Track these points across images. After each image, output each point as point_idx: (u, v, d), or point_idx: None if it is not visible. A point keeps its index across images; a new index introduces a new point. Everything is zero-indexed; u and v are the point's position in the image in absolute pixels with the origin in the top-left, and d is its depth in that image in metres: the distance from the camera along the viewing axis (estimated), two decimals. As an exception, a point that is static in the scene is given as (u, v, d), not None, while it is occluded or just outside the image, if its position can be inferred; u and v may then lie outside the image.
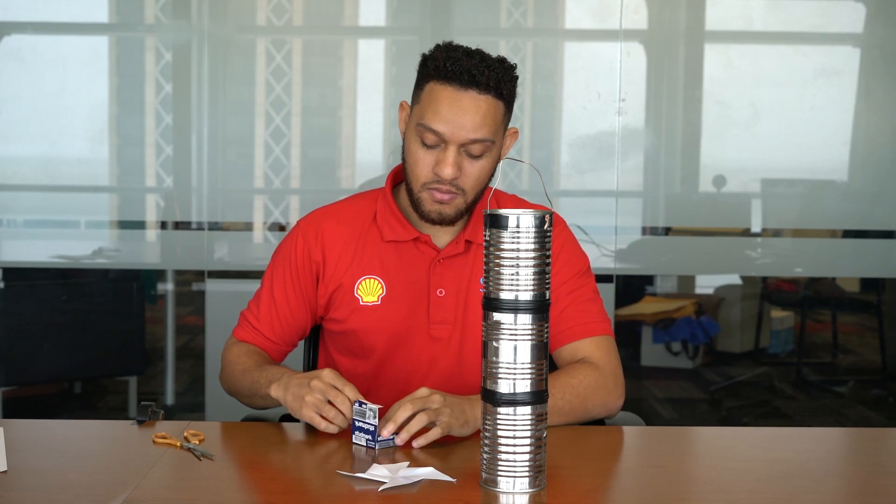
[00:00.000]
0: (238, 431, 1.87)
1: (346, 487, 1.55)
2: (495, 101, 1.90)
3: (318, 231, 2.05)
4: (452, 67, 1.89)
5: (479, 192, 1.97)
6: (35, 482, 1.57)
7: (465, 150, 1.91)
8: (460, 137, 1.89)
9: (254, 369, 1.96)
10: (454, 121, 1.88)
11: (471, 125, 1.88)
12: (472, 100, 1.88)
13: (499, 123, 1.92)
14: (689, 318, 4.65)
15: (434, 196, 1.93)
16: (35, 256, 3.94)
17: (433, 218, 1.95)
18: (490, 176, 1.98)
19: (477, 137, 1.89)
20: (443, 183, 1.92)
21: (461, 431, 1.76)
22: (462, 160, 1.91)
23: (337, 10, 3.87)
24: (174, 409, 4.15)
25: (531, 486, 1.51)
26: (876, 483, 1.67)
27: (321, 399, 1.77)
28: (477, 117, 1.88)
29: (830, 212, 3.93)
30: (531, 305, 1.49)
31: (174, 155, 3.76)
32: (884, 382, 4.64)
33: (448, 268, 2.01)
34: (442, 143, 1.90)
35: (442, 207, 1.94)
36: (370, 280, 2.02)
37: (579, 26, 3.88)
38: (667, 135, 3.77)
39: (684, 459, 1.83)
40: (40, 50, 3.81)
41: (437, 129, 1.89)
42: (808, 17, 3.85)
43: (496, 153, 1.95)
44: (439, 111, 1.89)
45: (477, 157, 1.92)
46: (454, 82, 1.89)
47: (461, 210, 1.96)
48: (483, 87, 1.88)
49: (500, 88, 1.90)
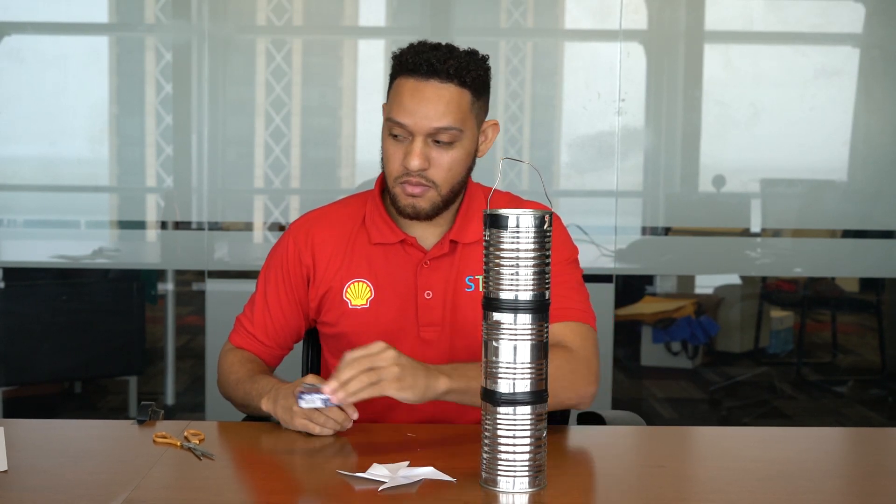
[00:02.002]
0: (238, 431, 1.87)
1: (346, 488, 1.55)
2: (459, 89, 1.90)
3: (308, 234, 2.06)
4: (413, 59, 1.90)
5: (454, 184, 1.95)
6: (35, 482, 1.57)
7: (433, 139, 1.90)
8: (424, 127, 1.89)
9: (246, 380, 1.96)
10: (417, 111, 1.89)
11: (433, 114, 1.89)
12: (433, 89, 1.89)
13: (465, 112, 1.92)
14: (689, 318, 4.65)
15: (406, 190, 1.93)
16: (35, 256, 3.94)
17: (408, 213, 1.95)
18: (465, 167, 1.96)
19: (441, 126, 1.89)
20: (412, 175, 1.91)
21: (402, 396, 1.70)
22: (430, 151, 1.91)
23: (337, 10, 3.87)
24: (174, 409, 4.15)
25: (531, 485, 1.51)
26: (876, 483, 1.67)
27: (306, 417, 1.78)
28: (440, 105, 1.89)
29: (830, 212, 3.93)
30: (531, 305, 1.49)
31: (174, 155, 3.76)
32: (883, 382, 4.64)
33: (435, 269, 2.00)
34: (409, 135, 1.91)
35: (415, 201, 1.93)
36: (359, 283, 2.02)
37: (579, 26, 3.88)
38: (666, 135, 3.77)
39: (684, 459, 1.83)
40: (40, 50, 3.81)
41: (401, 121, 1.90)
42: (807, 17, 3.85)
43: (468, 143, 1.94)
44: (403, 103, 1.90)
45: (446, 147, 1.91)
46: (416, 74, 1.90)
47: (437, 203, 1.95)
48: (444, 76, 1.89)
49: (463, 76, 1.90)
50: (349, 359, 1.70)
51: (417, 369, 1.72)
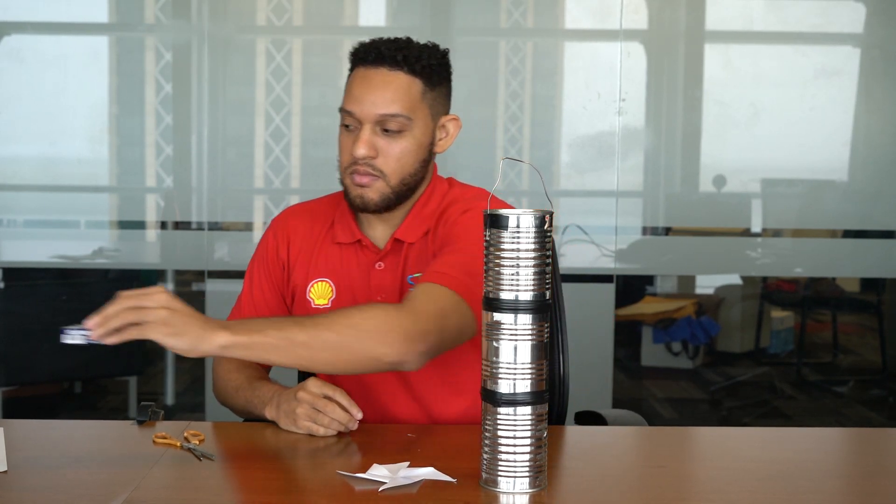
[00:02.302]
0: (238, 431, 1.87)
1: (346, 487, 1.55)
2: (409, 77, 1.88)
3: (285, 229, 2.06)
4: (364, 49, 1.90)
5: (405, 176, 1.91)
6: (35, 482, 1.57)
7: (381, 127, 1.88)
8: (371, 114, 1.87)
9: (246, 387, 1.95)
10: (364, 98, 1.87)
11: (380, 100, 1.86)
12: (381, 76, 1.88)
13: (415, 101, 1.89)
14: (690, 319, 4.65)
15: (355, 180, 1.90)
16: (35, 256, 3.94)
17: (357, 204, 1.91)
18: (417, 159, 1.91)
19: (388, 112, 1.86)
20: (360, 165, 1.88)
21: (169, 342, 1.59)
22: (378, 140, 1.88)
23: (337, 10, 3.87)
24: (174, 410, 4.15)
25: (531, 486, 1.51)
26: (876, 483, 1.67)
27: (311, 410, 1.78)
28: (387, 92, 1.87)
29: (830, 212, 3.93)
30: (531, 305, 1.49)
31: (174, 155, 3.76)
32: (884, 382, 4.64)
33: (385, 271, 1.97)
34: (358, 124, 1.88)
35: (364, 191, 1.90)
36: (321, 283, 2.00)
37: (579, 26, 3.88)
38: (667, 135, 3.77)
39: (684, 459, 1.83)
40: (40, 50, 3.81)
41: (350, 108, 1.88)
42: (808, 17, 3.85)
43: (420, 134, 1.91)
44: (352, 91, 1.89)
45: (395, 136, 1.88)
46: (365, 63, 1.89)
47: (387, 195, 1.90)
48: (392, 63, 1.87)
49: (413, 64, 1.88)
50: (119, 295, 1.61)
51: (190, 317, 1.61)
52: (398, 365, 1.73)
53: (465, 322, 1.79)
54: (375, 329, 1.70)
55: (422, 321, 1.73)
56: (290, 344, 1.66)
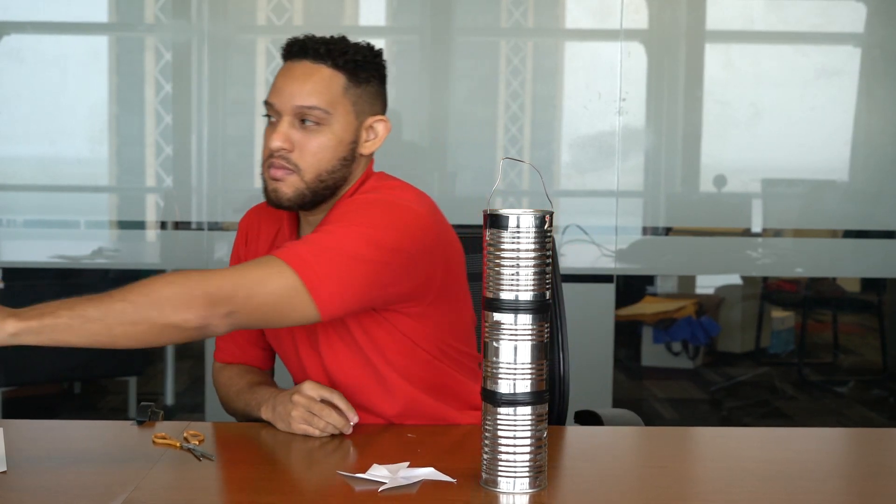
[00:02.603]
0: (238, 432, 1.87)
1: (346, 488, 1.55)
2: (332, 71, 1.84)
3: (246, 227, 2.05)
4: (290, 43, 1.87)
5: (321, 172, 1.84)
6: (35, 482, 1.57)
7: (299, 120, 1.83)
8: (288, 106, 1.83)
9: (246, 391, 1.95)
10: (284, 89, 1.84)
11: (298, 92, 1.82)
12: (303, 68, 1.84)
13: (336, 95, 1.84)
14: (690, 319, 4.65)
15: (270, 174, 1.85)
16: (35, 256, 3.94)
17: (271, 199, 1.86)
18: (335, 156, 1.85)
19: (305, 104, 1.82)
20: (275, 158, 1.84)
21: None
22: (294, 133, 1.83)
23: (337, 9, 3.87)
24: (174, 410, 4.15)
25: (531, 486, 1.51)
26: (877, 483, 1.67)
27: (307, 413, 1.77)
28: (306, 84, 1.83)
29: (831, 212, 3.93)
30: (531, 305, 1.49)
31: (174, 155, 3.76)
32: (884, 382, 4.64)
33: None
34: (278, 116, 1.85)
35: (278, 185, 1.84)
36: None
37: (580, 26, 3.88)
38: (667, 135, 3.77)
39: (685, 460, 1.83)
40: (40, 50, 3.81)
41: (269, 100, 1.86)
42: (808, 16, 3.85)
43: (339, 130, 1.85)
44: (275, 83, 1.86)
45: (313, 130, 1.83)
46: (290, 56, 1.87)
47: (301, 191, 1.84)
48: (315, 56, 1.84)
49: (336, 58, 1.84)
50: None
51: None
52: (203, 329, 1.65)
53: (291, 298, 1.69)
54: (175, 295, 1.63)
55: (227, 285, 1.66)
56: (84, 321, 1.60)
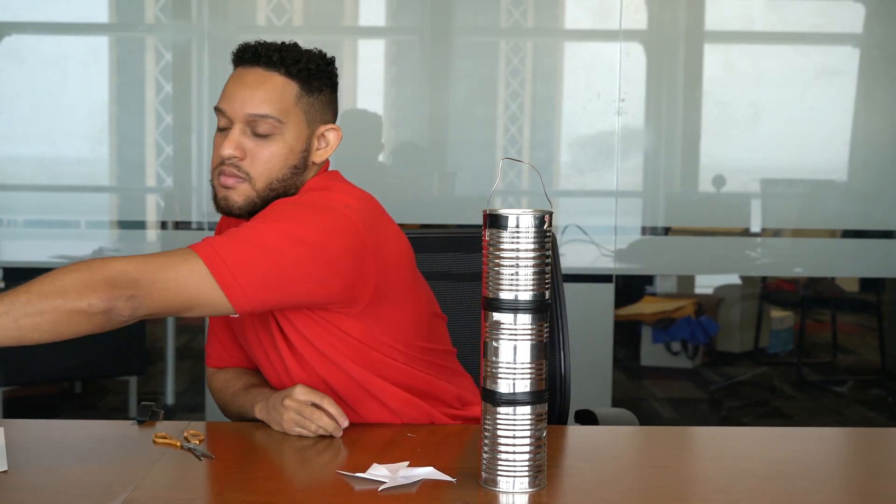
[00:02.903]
0: (238, 431, 1.87)
1: (346, 488, 1.55)
2: (284, 79, 1.82)
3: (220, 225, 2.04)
4: (242, 49, 1.85)
5: (272, 181, 1.83)
6: (35, 482, 1.57)
7: (251, 128, 1.81)
8: (240, 114, 1.81)
9: (240, 394, 1.95)
10: (236, 96, 1.82)
11: (251, 100, 1.81)
12: (255, 75, 1.82)
13: (289, 104, 1.82)
14: (689, 318, 4.65)
15: (221, 181, 1.84)
16: (35, 256, 3.94)
17: (222, 206, 1.85)
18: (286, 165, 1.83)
19: (258, 113, 1.80)
20: (226, 165, 1.82)
21: None
22: (247, 141, 1.82)
23: (337, 10, 3.87)
24: (174, 409, 4.15)
25: (531, 485, 1.51)
26: (876, 483, 1.67)
27: (298, 417, 1.78)
28: (258, 92, 1.81)
29: (830, 212, 3.93)
30: (531, 305, 1.49)
31: (174, 155, 3.76)
32: (883, 382, 4.64)
33: None
34: (229, 123, 1.83)
35: (228, 193, 1.83)
36: None
37: (579, 26, 3.88)
38: (666, 135, 3.77)
39: (684, 459, 1.83)
40: (40, 50, 3.81)
41: (220, 106, 1.84)
42: (807, 17, 3.85)
43: (291, 139, 1.83)
44: (226, 90, 1.84)
45: (264, 139, 1.82)
46: (242, 62, 1.85)
47: (251, 199, 1.83)
48: (268, 63, 1.82)
49: (290, 66, 1.82)
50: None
51: None
52: (108, 314, 1.61)
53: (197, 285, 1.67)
54: (78, 281, 1.60)
55: (129, 269, 1.63)
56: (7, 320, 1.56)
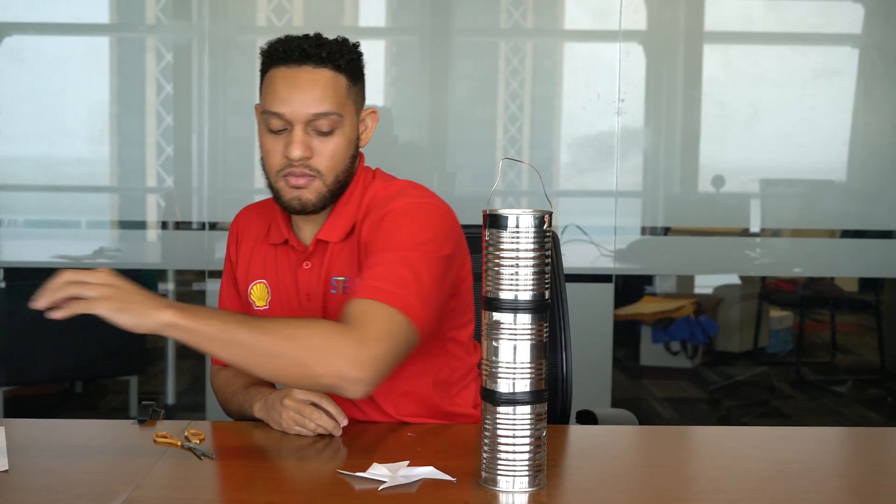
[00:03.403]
0: (238, 431, 1.87)
1: (346, 487, 1.55)
2: (334, 73, 1.85)
3: (236, 228, 2.06)
4: (283, 48, 1.86)
5: (339, 173, 1.87)
6: (36, 481, 1.57)
7: (313, 127, 1.84)
8: (303, 115, 1.83)
9: (240, 392, 1.96)
10: (293, 99, 1.83)
11: (310, 100, 1.83)
12: (308, 74, 1.84)
13: (343, 97, 1.86)
14: (689, 318, 4.66)
15: (290, 182, 1.85)
16: (36, 256, 3.95)
17: (294, 206, 1.87)
18: (348, 156, 1.88)
19: (320, 111, 1.83)
20: (295, 166, 1.84)
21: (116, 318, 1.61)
22: (311, 139, 1.84)
23: (337, 10, 3.87)
24: (175, 409, 4.16)
25: (531, 485, 1.52)
26: (875, 483, 1.67)
27: (297, 416, 1.78)
28: (316, 90, 1.83)
29: (829, 212, 3.94)
30: (531, 305, 1.50)
31: (175, 155, 3.77)
32: (882, 382, 4.65)
33: (311, 271, 1.94)
34: (287, 125, 1.84)
35: (301, 193, 1.85)
36: (259, 284, 1.99)
37: (579, 27, 3.88)
38: (666, 135, 3.78)
39: (684, 459, 1.84)
40: (41, 50, 3.81)
41: (278, 111, 1.84)
42: (807, 17, 3.86)
43: (349, 130, 1.87)
44: (277, 93, 1.84)
45: (327, 134, 1.85)
46: (288, 62, 1.85)
47: (323, 194, 1.87)
48: (317, 61, 1.84)
49: (337, 60, 1.85)
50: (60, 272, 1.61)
51: (135, 293, 1.61)
52: (334, 388, 1.67)
53: (411, 340, 1.73)
54: (315, 346, 1.64)
55: (365, 347, 1.66)
56: (230, 339, 1.63)
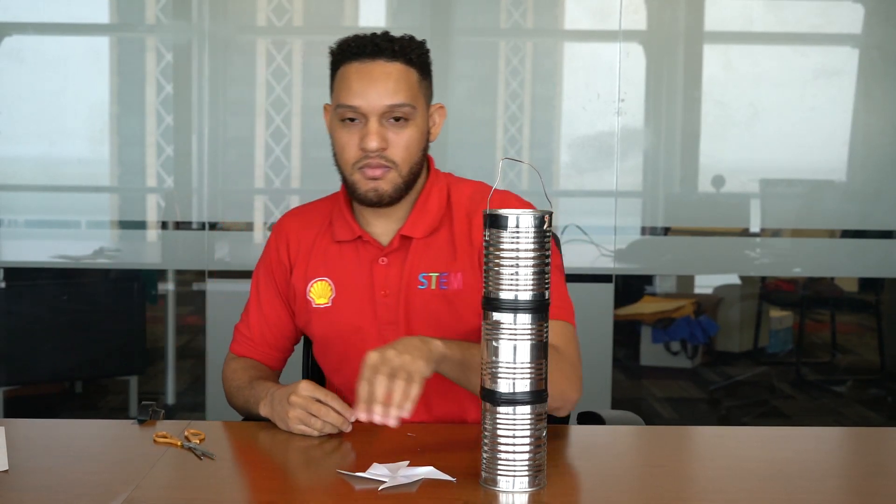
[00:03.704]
0: (238, 431, 1.88)
1: (347, 487, 1.56)
2: (406, 67, 1.90)
3: (286, 233, 2.07)
4: (356, 44, 1.90)
5: (412, 165, 1.92)
6: (36, 481, 1.58)
7: (387, 119, 1.89)
8: (378, 106, 1.87)
9: (246, 387, 1.97)
10: (368, 91, 1.87)
11: (384, 91, 1.87)
12: (381, 67, 1.88)
13: (416, 90, 1.91)
14: (689, 318, 4.65)
15: (366, 174, 1.89)
16: (36, 256, 3.95)
17: (371, 198, 1.91)
18: (420, 147, 1.93)
19: (394, 103, 1.87)
20: (371, 158, 1.88)
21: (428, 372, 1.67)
22: (385, 131, 1.88)
23: (337, 10, 3.88)
24: (175, 409, 4.16)
25: (531, 485, 1.52)
26: (874, 482, 1.67)
27: (303, 413, 1.78)
28: (389, 83, 1.88)
29: (829, 212, 3.94)
30: (531, 305, 1.50)
31: (175, 155, 3.77)
32: (882, 382, 4.65)
33: (389, 266, 1.97)
34: (362, 118, 1.88)
35: (378, 184, 1.90)
36: (320, 282, 2.00)
37: (579, 27, 3.88)
38: (666, 135, 3.78)
39: (683, 459, 1.84)
40: (41, 50, 3.81)
41: (353, 104, 1.88)
42: (807, 17, 3.86)
43: (421, 122, 1.92)
44: (352, 87, 1.89)
45: (401, 125, 1.89)
46: (361, 56, 1.89)
47: (399, 185, 1.91)
48: (390, 55, 1.89)
49: (409, 54, 1.90)
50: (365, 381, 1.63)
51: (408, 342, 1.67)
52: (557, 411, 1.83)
53: None
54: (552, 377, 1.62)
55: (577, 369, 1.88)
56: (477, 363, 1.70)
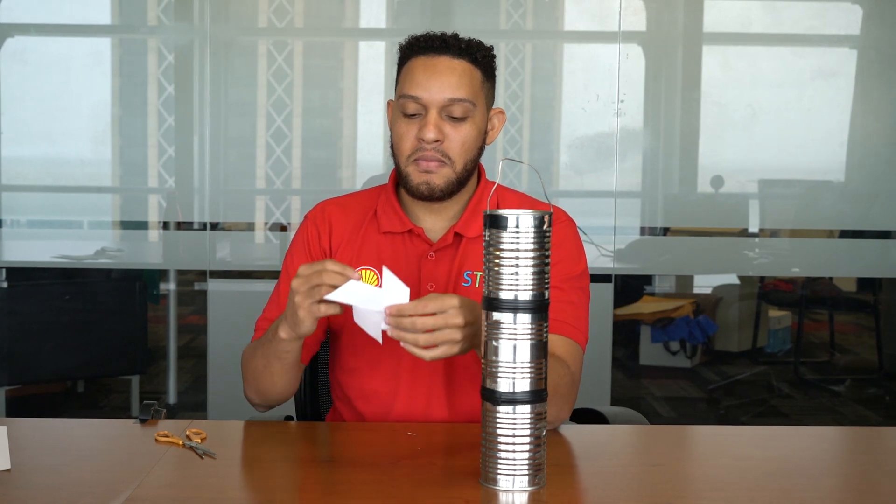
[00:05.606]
0: (240, 430, 1.88)
1: (347, 487, 1.56)
2: (471, 66, 1.93)
3: (327, 219, 2.05)
4: (425, 39, 1.94)
5: (467, 162, 1.95)
6: (38, 480, 1.58)
7: (447, 113, 1.91)
8: (439, 99, 1.90)
9: (263, 342, 1.89)
10: (431, 83, 1.90)
11: (447, 85, 1.90)
12: (446, 62, 1.92)
13: (477, 89, 1.93)
14: (688, 318, 4.66)
15: (420, 166, 1.92)
16: (38, 256, 3.95)
17: (423, 191, 1.93)
18: (477, 147, 1.96)
19: (455, 97, 1.90)
20: (427, 150, 1.90)
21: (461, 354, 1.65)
22: (444, 124, 1.91)
23: (338, 11, 3.88)
24: (176, 408, 4.16)
25: (531, 484, 1.52)
26: (872, 481, 1.68)
27: (307, 289, 1.67)
28: (452, 78, 1.91)
29: (827, 212, 3.94)
30: (530, 305, 1.50)
31: (176, 155, 3.78)
32: (880, 381, 4.66)
33: (438, 262, 1.98)
34: (423, 109, 1.91)
35: (430, 178, 1.92)
36: (367, 271, 1.99)
37: (578, 28, 3.89)
38: (665, 136, 3.78)
39: (683, 458, 1.84)
40: (43, 52, 3.82)
41: (415, 94, 1.91)
42: (804, 18, 3.87)
43: (480, 121, 1.95)
44: (416, 78, 1.92)
45: (460, 121, 1.92)
46: (427, 51, 1.93)
47: (451, 181, 1.93)
48: (456, 52, 1.92)
49: (474, 54, 1.93)
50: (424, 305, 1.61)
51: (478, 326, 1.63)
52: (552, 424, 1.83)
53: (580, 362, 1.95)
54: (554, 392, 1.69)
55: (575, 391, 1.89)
56: None
